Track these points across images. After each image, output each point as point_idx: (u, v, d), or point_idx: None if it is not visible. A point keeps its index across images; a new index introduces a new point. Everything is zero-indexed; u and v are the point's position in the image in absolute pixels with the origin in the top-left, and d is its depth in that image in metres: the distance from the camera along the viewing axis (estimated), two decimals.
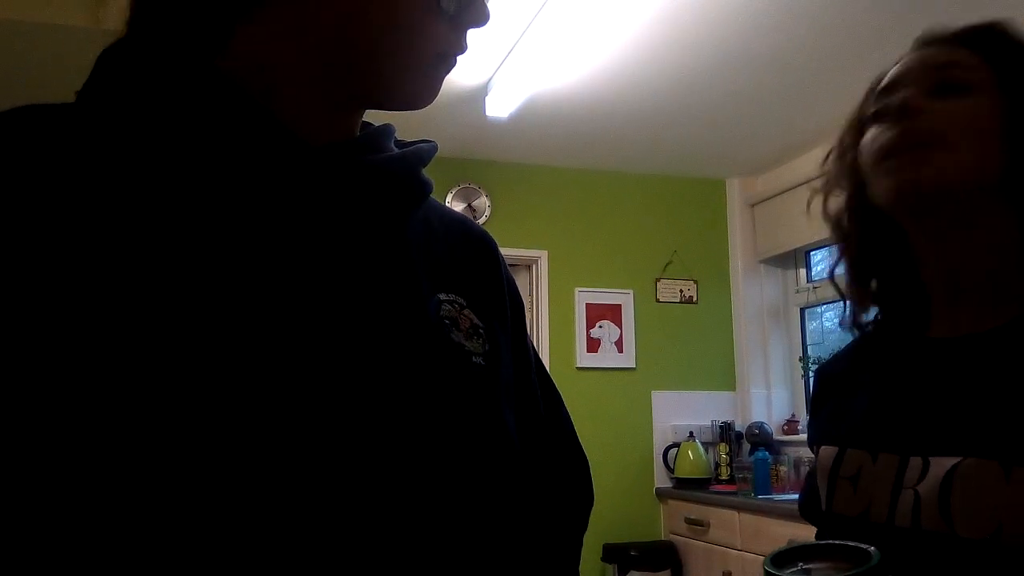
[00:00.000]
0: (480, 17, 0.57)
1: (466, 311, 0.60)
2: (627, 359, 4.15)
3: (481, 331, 0.60)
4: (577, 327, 4.12)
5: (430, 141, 0.64)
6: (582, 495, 0.70)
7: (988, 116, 0.75)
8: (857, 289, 0.87)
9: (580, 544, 0.70)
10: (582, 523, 0.70)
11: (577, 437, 0.71)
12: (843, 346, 0.96)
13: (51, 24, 1.34)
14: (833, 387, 0.91)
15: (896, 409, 0.78)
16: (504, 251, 0.71)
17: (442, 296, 0.59)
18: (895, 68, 0.83)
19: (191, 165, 0.51)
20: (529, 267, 4.14)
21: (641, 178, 4.38)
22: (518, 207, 4.11)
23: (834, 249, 0.90)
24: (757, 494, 3.45)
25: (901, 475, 0.73)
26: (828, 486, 0.80)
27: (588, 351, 4.12)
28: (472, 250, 0.67)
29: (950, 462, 0.70)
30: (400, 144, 0.63)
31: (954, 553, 0.68)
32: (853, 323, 0.88)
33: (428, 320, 0.56)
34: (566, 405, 0.72)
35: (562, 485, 0.68)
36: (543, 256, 4.14)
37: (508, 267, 0.70)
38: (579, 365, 4.08)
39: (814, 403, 0.94)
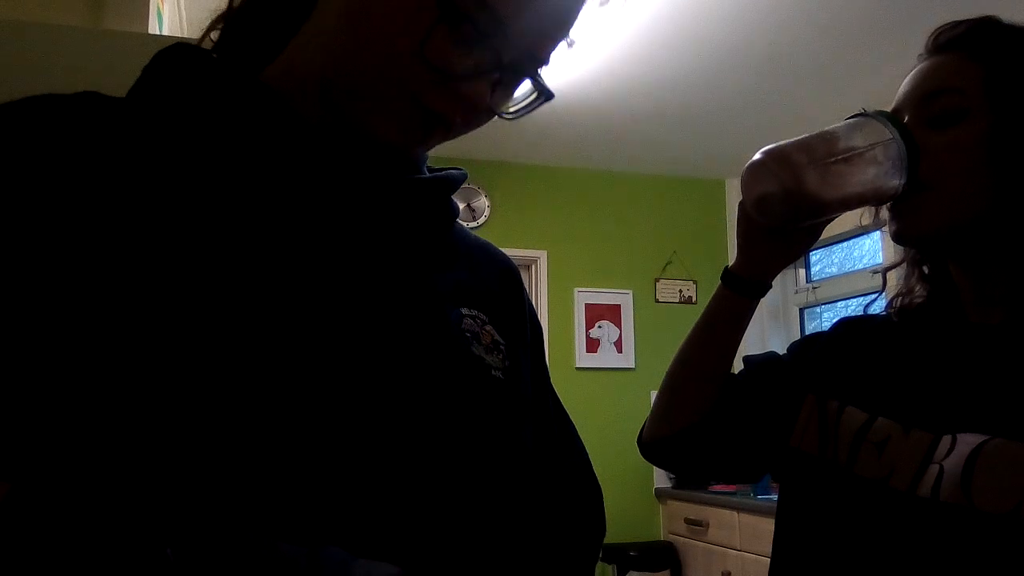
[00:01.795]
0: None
1: (488, 327, 0.60)
2: (626, 359, 4.15)
3: (502, 347, 0.60)
4: (576, 327, 4.13)
5: (460, 168, 0.64)
6: (595, 523, 0.69)
7: (980, 144, 0.76)
8: (907, 279, 0.91)
9: (592, 573, 0.69)
10: (594, 551, 0.68)
11: (591, 466, 0.70)
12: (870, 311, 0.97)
13: (51, 24, 1.34)
14: (855, 343, 0.91)
15: (932, 387, 0.80)
16: (503, 251, 0.71)
17: (464, 310, 0.59)
18: (902, 87, 0.84)
19: (223, 166, 0.51)
20: (528, 267, 4.14)
21: (640, 178, 4.38)
22: (517, 207, 4.11)
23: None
24: (756, 494, 3.45)
25: (931, 452, 0.75)
26: (852, 447, 0.81)
27: (587, 351, 4.12)
28: (495, 272, 0.67)
29: (978, 440, 0.72)
30: (430, 169, 0.63)
31: (970, 525, 0.70)
32: (896, 308, 0.90)
33: (449, 331, 0.56)
34: (564, 405, 0.72)
35: (574, 511, 0.67)
36: (542, 256, 4.15)
37: None
38: (578, 365, 4.08)
39: (825, 343, 0.94)
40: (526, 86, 0.57)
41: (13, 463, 0.42)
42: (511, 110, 0.58)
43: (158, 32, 1.97)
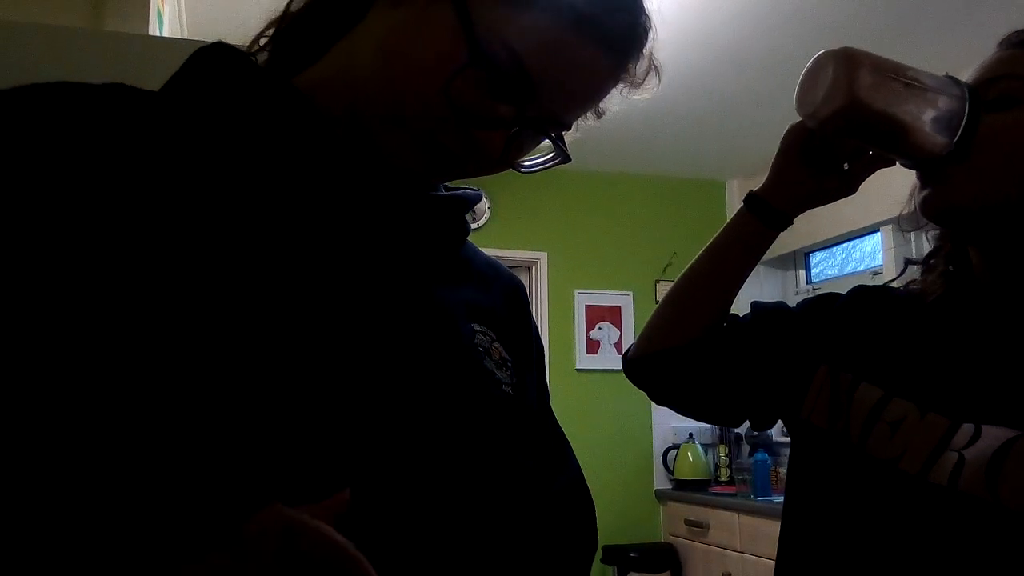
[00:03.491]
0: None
1: (496, 344, 0.61)
2: None
3: (509, 364, 0.61)
4: (576, 329, 4.12)
5: (475, 189, 0.67)
6: (586, 539, 0.69)
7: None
8: (925, 273, 0.89)
9: None
10: (585, 566, 0.69)
11: (586, 483, 0.71)
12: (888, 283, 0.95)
13: (51, 26, 1.34)
14: (873, 315, 0.89)
15: (953, 372, 0.78)
16: (503, 253, 0.72)
17: (475, 326, 0.60)
18: (968, 76, 0.83)
19: (246, 166, 0.52)
20: (529, 269, 4.14)
21: (641, 179, 4.38)
22: (517, 208, 4.11)
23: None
24: (757, 496, 3.45)
25: (948, 438, 0.73)
26: (865, 425, 0.79)
27: (588, 353, 4.12)
28: (503, 291, 0.68)
29: (1007, 434, 0.70)
30: (447, 188, 0.65)
31: (993, 519, 0.68)
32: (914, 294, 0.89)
33: (462, 345, 0.57)
34: (565, 407, 0.72)
35: (568, 528, 0.67)
36: (542, 258, 4.14)
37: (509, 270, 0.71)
38: (579, 367, 4.08)
39: (840, 310, 0.91)
40: (545, 142, 0.59)
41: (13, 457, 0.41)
42: (527, 164, 0.60)
43: (159, 34, 1.97)
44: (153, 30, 1.87)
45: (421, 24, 0.53)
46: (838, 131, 0.80)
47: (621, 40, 0.57)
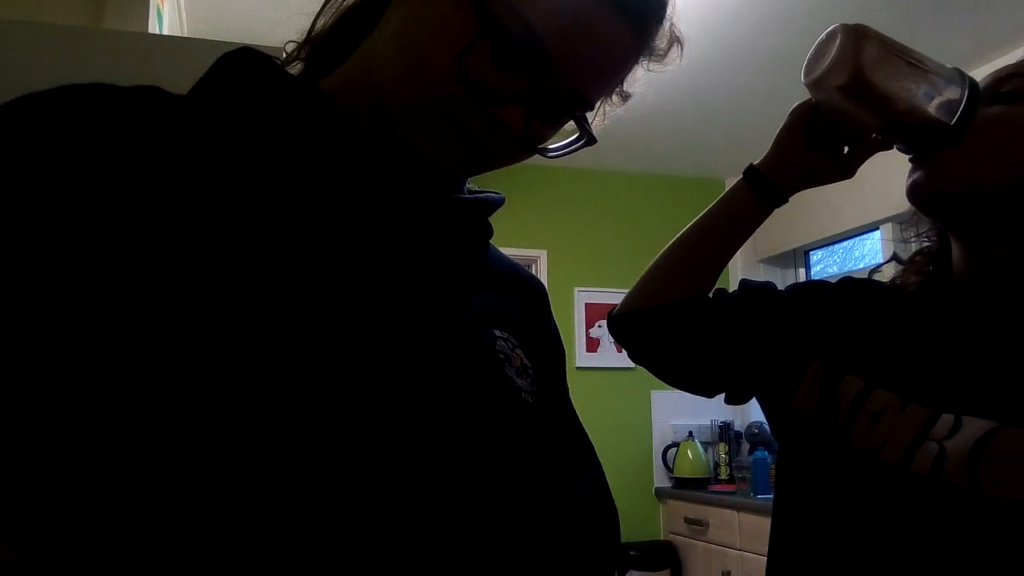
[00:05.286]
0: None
1: (518, 350, 0.60)
2: (626, 359, 4.10)
3: (530, 371, 0.61)
4: (576, 327, 4.13)
5: (498, 192, 0.66)
6: (610, 546, 0.68)
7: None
8: (907, 272, 0.90)
9: None
10: (607, 569, 0.68)
11: (609, 488, 0.71)
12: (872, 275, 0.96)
13: (51, 24, 1.34)
14: (860, 308, 0.89)
15: (934, 363, 0.79)
16: (503, 250, 0.71)
17: (497, 332, 0.59)
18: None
19: (272, 167, 0.52)
20: (528, 266, 4.14)
21: (641, 177, 4.38)
22: (517, 206, 4.11)
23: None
24: (756, 494, 3.46)
25: (927, 428, 0.74)
26: (848, 416, 0.80)
27: (587, 351, 4.12)
28: (525, 295, 0.68)
29: (987, 425, 0.71)
30: (470, 191, 0.65)
31: (975, 510, 0.69)
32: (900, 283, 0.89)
33: (484, 351, 0.57)
34: None
35: (591, 536, 0.67)
36: (542, 256, 4.15)
37: None
38: (578, 365, 4.08)
39: (830, 301, 0.92)
40: (570, 125, 0.57)
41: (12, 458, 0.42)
42: (552, 148, 0.58)
43: (158, 32, 1.97)
44: (153, 28, 1.87)
45: (432, 5, 0.52)
46: (839, 103, 0.80)
47: (638, 6, 0.55)
